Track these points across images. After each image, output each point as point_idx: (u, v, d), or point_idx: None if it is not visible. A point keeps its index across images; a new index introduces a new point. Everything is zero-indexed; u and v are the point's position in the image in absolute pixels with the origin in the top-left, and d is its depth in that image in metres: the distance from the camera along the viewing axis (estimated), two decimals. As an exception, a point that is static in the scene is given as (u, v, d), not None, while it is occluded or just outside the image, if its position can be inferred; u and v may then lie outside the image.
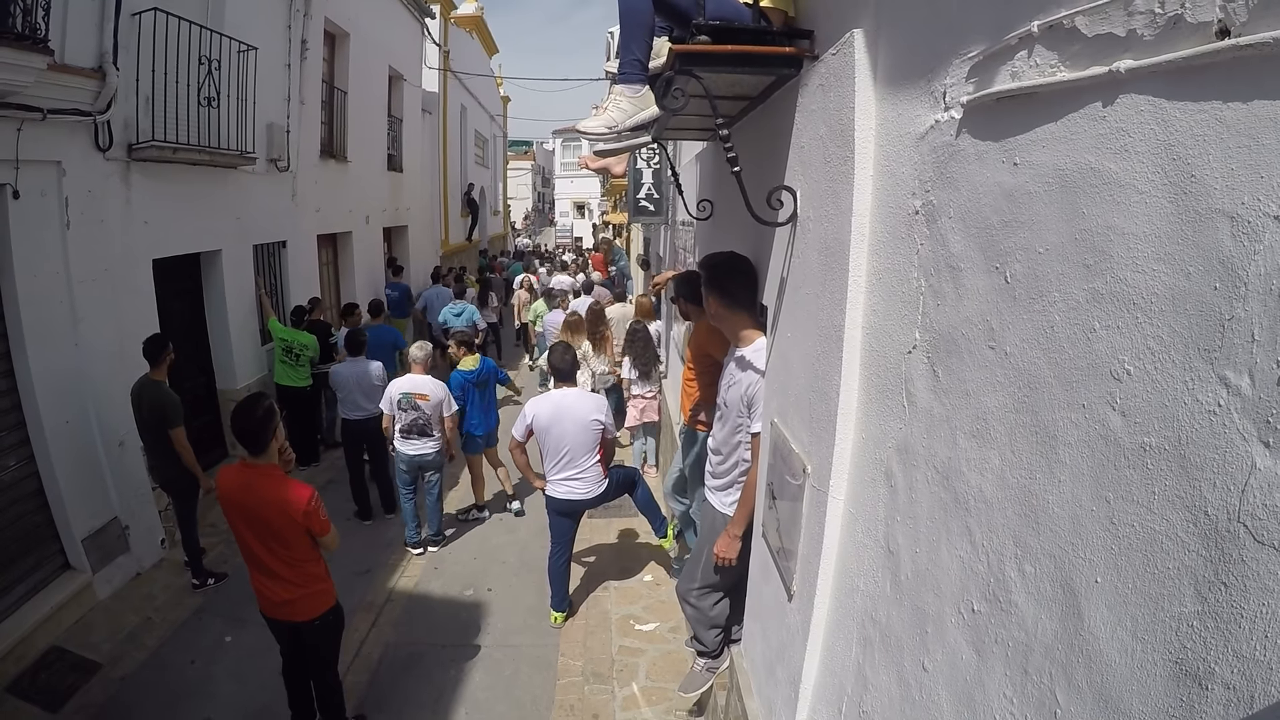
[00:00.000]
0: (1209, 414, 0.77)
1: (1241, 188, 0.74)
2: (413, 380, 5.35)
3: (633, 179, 7.45)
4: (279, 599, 3.18)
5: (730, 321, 2.76)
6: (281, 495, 3.01)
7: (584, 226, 37.72)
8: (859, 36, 1.67)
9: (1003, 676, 1.15)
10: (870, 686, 1.67)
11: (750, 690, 2.78)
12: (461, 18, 17.44)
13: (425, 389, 5.28)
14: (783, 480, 2.27)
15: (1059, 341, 1.03)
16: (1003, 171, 1.17)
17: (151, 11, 5.07)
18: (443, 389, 5.37)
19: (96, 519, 4.72)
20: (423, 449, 5.42)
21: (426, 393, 5.27)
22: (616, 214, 18.38)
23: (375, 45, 10.97)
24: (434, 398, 5.28)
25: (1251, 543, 0.71)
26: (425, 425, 5.34)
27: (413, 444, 5.40)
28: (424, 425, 5.34)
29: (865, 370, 1.74)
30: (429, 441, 5.40)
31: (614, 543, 5.86)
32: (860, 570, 1.75)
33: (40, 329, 4.36)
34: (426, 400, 5.27)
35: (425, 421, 5.33)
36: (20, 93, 3.94)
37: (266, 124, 7.29)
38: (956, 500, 1.30)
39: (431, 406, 5.29)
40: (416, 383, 5.32)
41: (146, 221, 5.43)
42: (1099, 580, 0.94)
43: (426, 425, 5.34)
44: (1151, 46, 0.86)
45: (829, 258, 1.87)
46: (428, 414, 5.30)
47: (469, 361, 5.79)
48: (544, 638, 4.67)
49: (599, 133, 2.36)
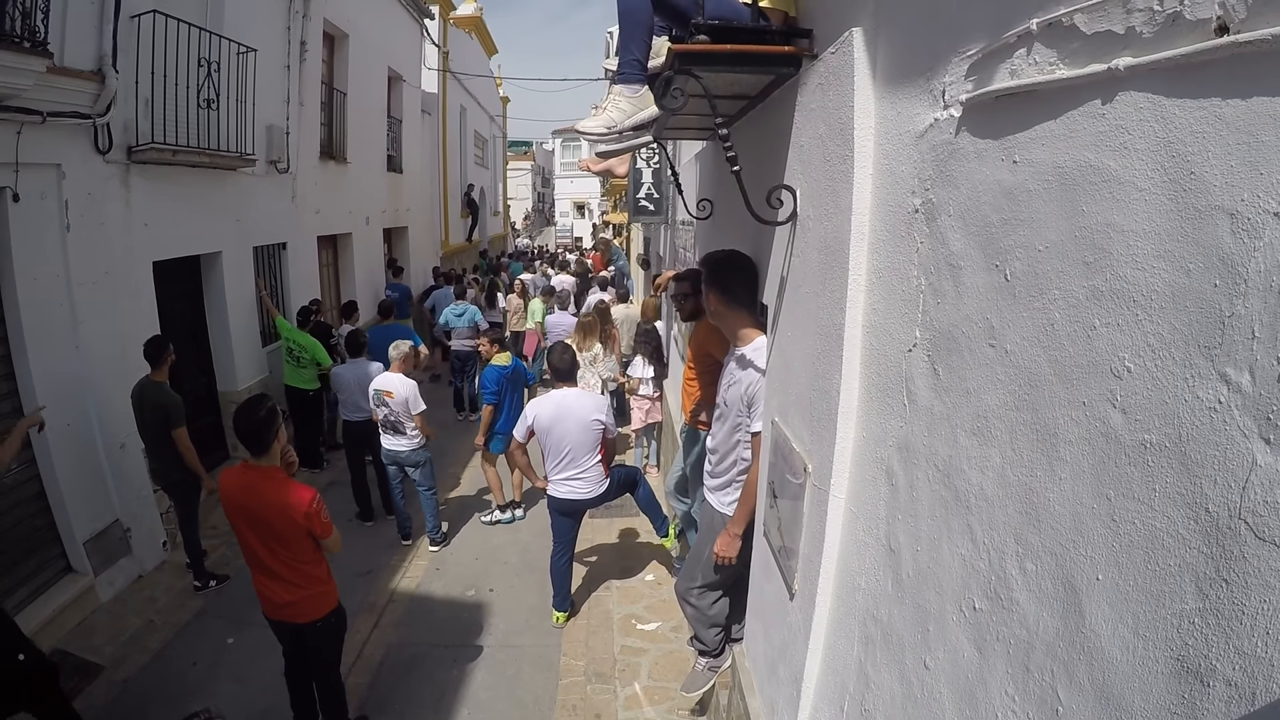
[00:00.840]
0: (1209, 411, 0.78)
1: (1241, 184, 0.74)
2: (384, 378, 5.50)
3: (633, 178, 7.45)
4: (281, 601, 3.18)
5: (730, 320, 2.76)
6: (283, 497, 3.01)
7: (584, 226, 37.74)
8: (858, 35, 1.67)
9: (1004, 674, 1.15)
10: (872, 684, 1.67)
11: (752, 689, 2.78)
12: (460, 18, 17.44)
13: (392, 386, 5.40)
14: (784, 479, 2.27)
15: (1059, 339, 1.03)
16: (1002, 169, 1.17)
17: (151, 14, 5.07)
18: (409, 388, 5.43)
19: (98, 521, 4.72)
20: (397, 445, 5.57)
21: (392, 390, 5.39)
22: (616, 214, 18.39)
23: (374, 46, 10.97)
24: (399, 395, 5.38)
25: (1253, 539, 0.71)
26: (397, 422, 5.47)
27: (389, 439, 5.58)
28: (396, 422, 5.47)
29: (866, 369, 1.74)
30: (402, 439, 5.54)
31: (616, 542, 5.87)
32: (862, 568, 1.75)
33: (41, 332, 4.36)
34: (392, 397, 5.39)
35: (396, 419, 5.46)
36: (20, 96, 3.94)
37: (266, 126, 7.29)
38: (957, 498, 1.30)
39: (397, 403, 5.40)
40: (386, 380, 5.46)
41: (146, 224, 5.43)
42: (1100, 577, 0.94)
43: (398, 422, 5.47)
44: (1150, 44, 0.86)
45: (829, 256, 1.87)
46: (396, 411, 5.43)
47: (502, 358, 5.81)
48: (546, 638, 4.67)
49: (598, 133, 2.36)
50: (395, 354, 5.55)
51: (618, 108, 2.32)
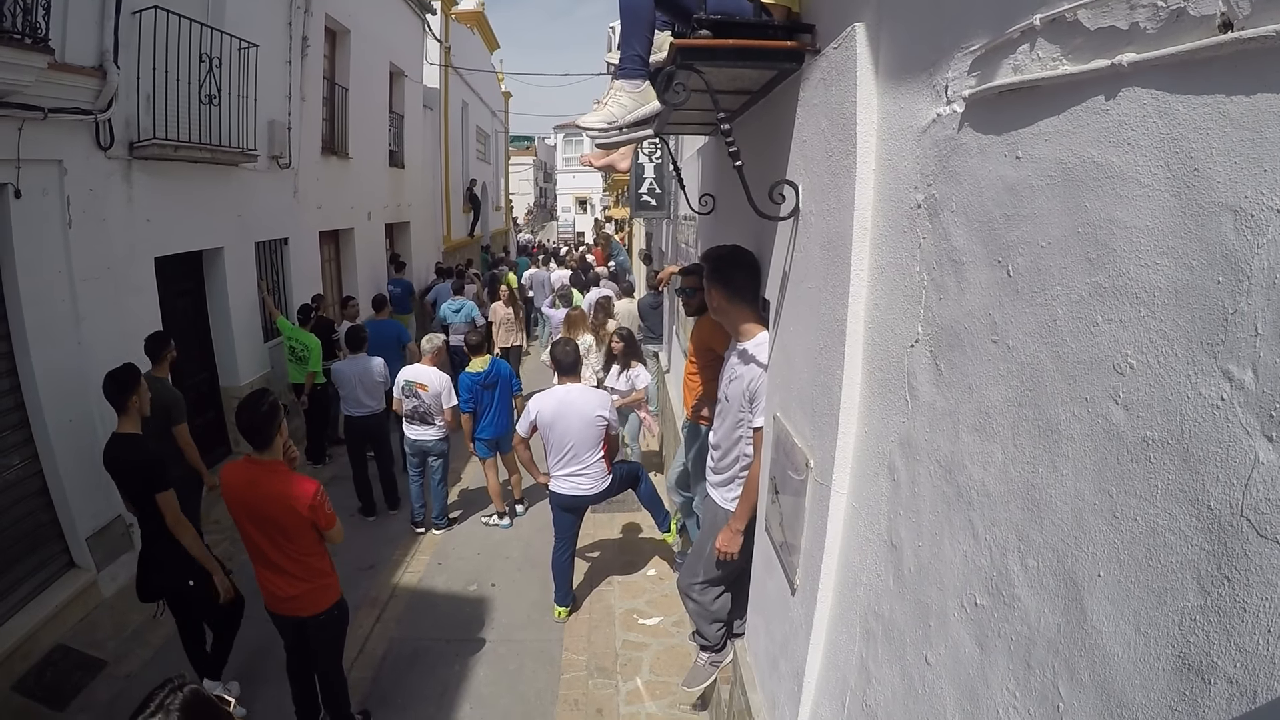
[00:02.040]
0: (1212, 408, 0.77)
1: (1245, 181, 0.74)
2: (416, 370, 5.70)
3: (635, 173, 7.43)
4: (284, 594, 3.20)
5: (732, 315, 2.76)
6: (286, 490, 3.03)
7: (586, 221, 37.72)
8: (861, 30, 1.67)
9: (1005, 670, 1.15)
10: (873, 680, 1.67)
11: (754, 684, 2.79)
12: (462, 13, 17.37)
13: (425, 379, 5.61)
14: (785, 474, 2.27)
15: (1062, 335, 1.03)
16: (1005, 165, 1.16)
17: (152, 9, 5.06)
18: (444, 382, 5.64)
19: (100, 517, 4.73)
20: (423, 435, 5.77)
21: (426, 383, 5.59)
22: (619, 208, 18.36)
23: (376, 41, 10.95)
24: (432, 389, 5.59)
25: (1255, 537, 0.71)
26: (426, 413, 5.69)
27: (415, 429, 5.78)
28: (425, 413, 5.69)
29: (868, 364, 1.74)
30: (430, 429, 5.75)
31: (617, 537, 5.88)
32: (863, 564, 1.75)
33: (43, 328, 4.37)
34: (425, 390, 5.58)
35: (426, 410, 5.66)
36: (21, 92, 3.94)
37: (268, 121, 7.28)
38: (959, 494, 1.30)
39: (430, 397, 5.60)
40: (419, 372, 5.66)
41: (148, 220, 5.43)
42: (1102, 574, 0.94)
43: (427, 413, 5.69)
44: (1154, 40, 0.85)
45: (831, 252, 1.86)
46: (427, 403, 5.62)
47: (478, 363, 5.82)
48: (548, 632, 4.68)
49: (599, 128, 2.36)
50: (429, 346, 5.75)
51: (618, 103, 2.33)
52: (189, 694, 1.45)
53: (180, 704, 1.42)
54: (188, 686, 1.47)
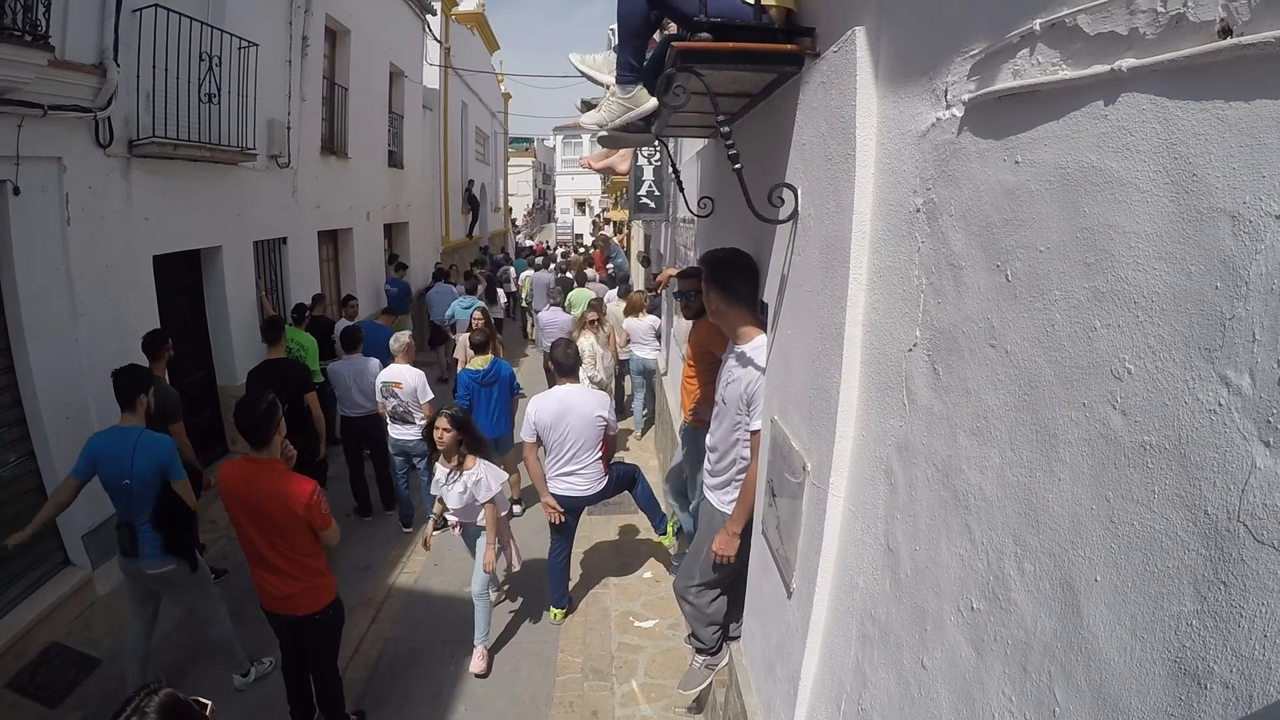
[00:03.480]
0: (1209, 413, 0.77)
1: (1243, 187, 0.74)
2: (391, 369, 5.69)
3: (634, 176, 7.44)
4: (280, 593, 3.19)
5: (730, 318, 2.76)
6: (283, 489, 3.03)
7: (584, 223, 37.73)
8: (860, 34, 1.67)
9: (1002, 674, 1.15)
10: (869, 684, 1.67)
11: (749, 687, 2.78)
12: (463, 14, 17.39)
13: (401, 377, 5.60)
14: (782, 478, 2.27)
15: (1060, 340, 1.03)
16: (1004, 169, 1.16)
17: (152, 8, 5.05)
18: (417, 377, 5.62)
19: (96, 515, 4.70)
20: (405, 434, 5.73)
21: (401, 380, 5.58)
22: (617, 210, 18.36)
23: (376, 42, 10.95)
24: (407, 386, 5.58)
25: (1251, 542, 0.71)
26: (406, 412, 5.66)
27: (397, 429, 5.74)
28: (404, 412, 5.66)
29: (866, 368, 1.74)
30: (411, 429, 5.69)
31: (614, 539, 5.87)
32: (860, 568, 1.75)
33: (40, 325, 4.35)
34: (401, 388, 5.57)
35: (405, 409, 5.64)
36: (21, 89, 3.93)
37: (267, 120, 7.27)
38: (956, 498, 1.30)
39: (406, 394, 5.58)
40: (394, 372, 5.65)
41: (147, 218, 5.42)
42: (1098, 579, 0.94)
43: (407, 412, 5.65)
44: (1154, 45, 0.85)
45: (830, 255, 1.87)
46: (405, 401, 5.60)
47: (478, 361, 5.81)
48: (543, 634, 4.68)
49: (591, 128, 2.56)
50: (395, 346, 5.73)
51: (609, 107, 2.48)
52: (165, 697, 1.47)
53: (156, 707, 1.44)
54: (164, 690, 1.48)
